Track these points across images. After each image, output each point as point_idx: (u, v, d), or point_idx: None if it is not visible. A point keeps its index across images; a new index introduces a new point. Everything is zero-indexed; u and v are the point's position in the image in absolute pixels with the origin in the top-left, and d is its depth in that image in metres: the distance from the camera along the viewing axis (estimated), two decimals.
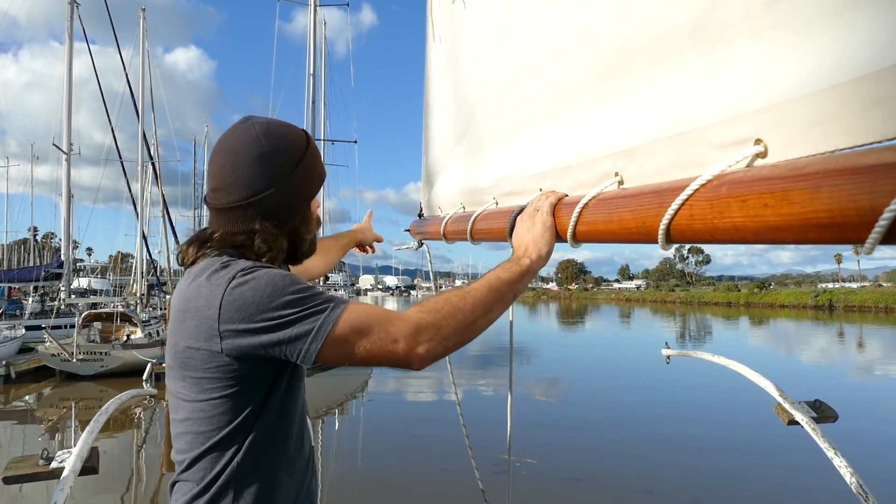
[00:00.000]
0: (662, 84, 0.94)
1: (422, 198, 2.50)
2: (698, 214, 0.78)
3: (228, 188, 1.14)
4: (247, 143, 1.13)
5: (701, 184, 0.78)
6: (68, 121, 24.71)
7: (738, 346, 28.39)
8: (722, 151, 0.80)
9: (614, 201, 1.00)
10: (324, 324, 1.01)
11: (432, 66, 2.34)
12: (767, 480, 8.92)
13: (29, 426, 12.91)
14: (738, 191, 0.71)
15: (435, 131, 2.33)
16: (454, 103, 2.03)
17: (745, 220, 0.69)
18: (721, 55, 0.81)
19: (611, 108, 1.10)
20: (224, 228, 1.16)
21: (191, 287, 1.09)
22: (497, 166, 1.66)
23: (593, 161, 1.15)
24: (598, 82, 1.13)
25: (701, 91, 0.85)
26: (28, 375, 17.91)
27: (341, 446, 11.13)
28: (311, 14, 24.62)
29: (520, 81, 1.46)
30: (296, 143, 1.18)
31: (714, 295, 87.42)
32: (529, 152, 1.45)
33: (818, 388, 14.77)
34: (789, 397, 1.98)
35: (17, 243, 69.92)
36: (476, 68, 1.77)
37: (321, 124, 27.99)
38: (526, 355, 24.00)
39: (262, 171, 1.13)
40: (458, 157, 2.01)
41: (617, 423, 12.45)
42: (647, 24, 0.96)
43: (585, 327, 44.20)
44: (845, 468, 1.73)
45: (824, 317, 52.95)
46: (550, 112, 1.33)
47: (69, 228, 25.18)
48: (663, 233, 0.84)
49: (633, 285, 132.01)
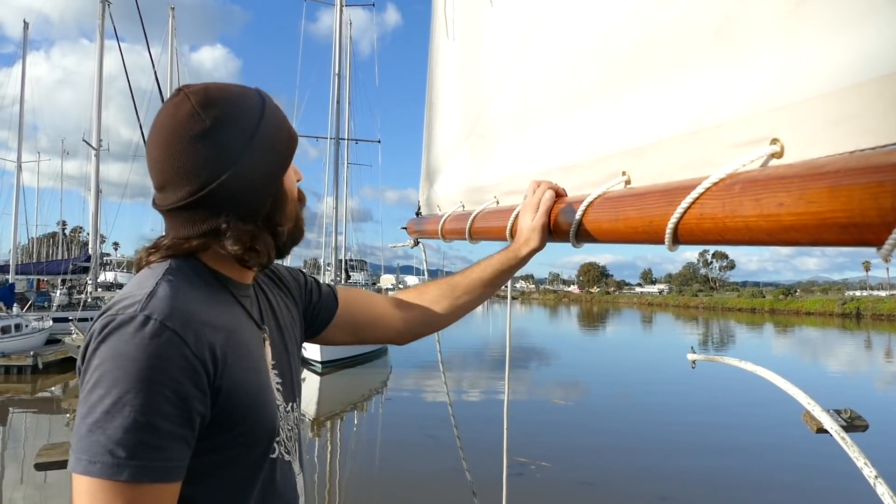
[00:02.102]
0: (680, 84, 0.92)
1: (420, 196, 2.49)
2: (709, 214, 0.75)
3: (174, 182, 0.89)
4: (182, 120, 0.88)
5: (713, 182, 0.76)
6: (98, 117, 25.13)
7: (763, 353, 27.97)
8: (736, 151, 0.78)
9: (620, 200, 0.98)
10: (71, 459, 0.76)
11: (439, 64, 2.32)
12: (792, 489, 8.78)
13: (55, 416, 13.16)
14: (752, 189, 0.69)
15: (438, 129, 2.31)
16: (464, 102, 2.01)
17: (759, 219, 0.67)
18: (740, 55, 0.80)
19: (623, 108, 1.07)
20: (178, 234, 0.92)
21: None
22: (502, 165, 1.64)
23: (600, 160, 1.13)
24: (612, 82, 1.11)
25: (719, 91, 0.84)
26: (55, 366, 18.25)
27: (360, 444, 11.18)
28: (338, 14, 24.80)
29: (536, 80, 1.45)
30: (245, 107, 0.92)
31: (738, 301, 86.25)
32: (536, 151, 1.43)
33: (845, 397, 14.52)
34: (818, 405, 1.94)
35: (46, 237, 71.42)
36: (493, 67, 1.75)
37: (346, 124, 28.16)
38: (545, 358, 23.91)
39: (210, 151, 0.88)
40: (463, 156, 1.99)
41: (636, 427, 12.33)
42: (668, 25, 0.94)
43: (607, 331, 43.88)
44: (875, 479, 1.69)
45: (851, 325, 52.01)
46: (562, 112, 1.31)
47: (97, 223, 25.59)
48: (671, 233, 0.82)
49: (656, 289, 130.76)
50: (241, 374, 0.88)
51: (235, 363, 0.88)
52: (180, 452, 0.79)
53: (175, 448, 0.78)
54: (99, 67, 25.25)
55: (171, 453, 0.77)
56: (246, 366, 0.90)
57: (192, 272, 0.92)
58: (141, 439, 0.74)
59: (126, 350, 0.76)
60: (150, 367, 0.76)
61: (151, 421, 0.75)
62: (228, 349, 0.87)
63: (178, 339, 0.79)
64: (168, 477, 0.77)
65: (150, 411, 0.75)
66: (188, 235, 0.91)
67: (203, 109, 0.88)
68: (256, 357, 0.96)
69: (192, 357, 0.79)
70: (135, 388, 0.74)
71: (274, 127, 0.95)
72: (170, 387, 0.77)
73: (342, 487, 8.60)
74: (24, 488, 8.34)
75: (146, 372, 0.75)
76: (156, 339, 0.77)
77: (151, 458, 0.75)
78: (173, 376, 0.77)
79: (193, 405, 0.80)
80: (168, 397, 0.77)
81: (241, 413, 0.88)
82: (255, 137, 0.91)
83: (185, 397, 0.78)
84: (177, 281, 0.87)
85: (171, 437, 0.77)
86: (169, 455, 0.77)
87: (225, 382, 0.85)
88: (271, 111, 0.95)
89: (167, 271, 0.89)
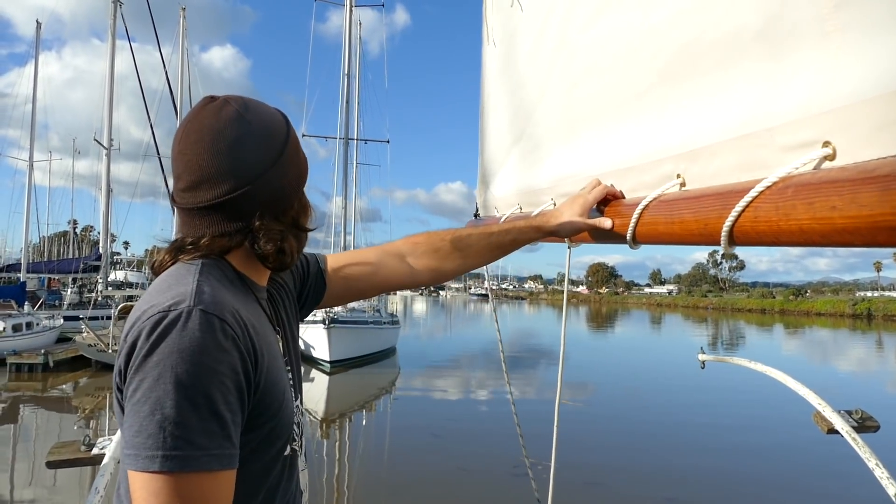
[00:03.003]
0: (727, 86, 0.94)
1: (478, 198, 2.51)
2: (763, 217, 0.77)
3: (213, 180, 0.91)
4: (227, 122, 0.92)
5: (766, 186, 0.78)
6: (109, 117, 25.26)
7: (773, 354, 27.81)
8: (788, 154, 0.80)
9: (676, 203, 1.00)
10: (136, 461, 0.75)
11: (487, 70, 2.36)
12: (803, 491, 8.73)
13: (65, 414, 13.25)
14: (804, 193, 0.70)
15: (491, 133, 2.34)
16: (511, 105, 2.04)
17: (812, 222, 0.68)
18: (788, 57, 0.80)
19: (673, 110, 1.09)
20: (212, 231, 0.94)
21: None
22: (555, 167, 1.66)
23: (655, 163, 1.14)
24: (660, 84, 1.12)
25: (767, 93, 0.85)
26: (65, 364, 18.37)
27: (368, 443, 11.21)
28: (347, 14, 24.86)
29: (580, 83, 1.46)
30: (278, 118, 1.01)
31: (748, 301, 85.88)
32: (589, 153, 1.45)
33: (856, 397, 14.40)
34: (829, 405, 1.93)
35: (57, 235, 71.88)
36: (534, 70, 1.77)
37: (355, 123, 28.19)
38: (554, 358, 23.84)
39: (252, 152, 0.93)
40: (515, 159, 2.01)
41: (644, 428, 12.29)
42: (712, 26, 0.95)
43: (615, 332, 43.76)
44: (887, 479, 1.68)
45: (862, 326, 51.64)
46: (611, 113, 1.33)
47: (107, 222, 25.72)
48: (726, 235, 0.84)
49: (665, 290, 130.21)
50: (274, 372, 0.92)
51: (269, 361, 0.91)
52: (238, 440, 0.82)
53: (235, 436, 0.81)
54: (110, 67, 25.38)
55: (234, 441, 0.81)
56: (275, 365, 0.94)
57: (222, 272, 0.94)
58: (213, 429, 0.77)
59: (189, 344, 0.77)
60: (214, 360, 0.78)
61: (219, 411, 0.78)
62: (264, 347, 0.90)
63: (232, 331, 0.82)
64: (234, 463, 0.80)
65: (218, 401, 0.78)
66: (224, 232, 0.94)
67: (247, 113, 0.94)
68: (278, 357, 0.98)
69: (243, 350, 0.83)
70: (202, 381, 0.77)
71: (296, 140, 1.03)
72: (231, 377, 0.80)
73: (351, 487, 8.62)
74: (35, 486, 8.40)
75: (211, 364, 0.78)
76: (216, 332, 0.80)
77: (222, 446, 0.78)
78: (234, 367, 0.80)
79: (245, 395, 0.83)
80: (230, 388, 0.80)
81: (273, 411, 0.91)
82: (287, 144, 0.98)
83: (241, 388, 0.82)
84: (214, 280, 0.89)
85: (233, 426, 0.80)
86: (233, 443, 0.80)
87: (262, 380, 0.87)
88: (292, 127, 1.03)
89: (202, 269, 0.90)
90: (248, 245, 0.95)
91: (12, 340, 18.91)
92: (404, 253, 1.37)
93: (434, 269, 1.38)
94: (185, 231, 0.96)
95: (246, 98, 0.98)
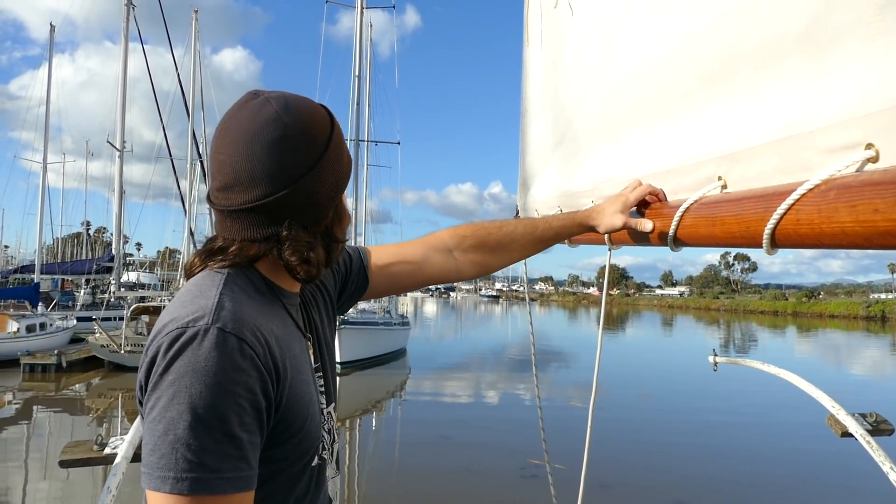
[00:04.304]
0: (768, 88, 0.94)
1: (518, 201, 2.52)
2: (805, 219, 0.77)
3: (245, 183, 0.88)
4: (264, 122, 0.88)
5: (809, 188, 0.77)
6: (122, 119, 25.45)
7: (786, 356, 27.62)
8: (830, 156, 0.79)
9: (717, 206, 1.00)
10: (150, 480, 0.75)
11: (529, 72, 2.36)
12: (816, 494, 8.65)
13: (78, 414, 13.35)
14: (847, 195, 0.70)
15: (532, 136, 2.34)
16: (553, 109, 2.04)
17: (855, 225, 0.68)
18: (830, 60, 0.80)
19: (714, 112, 1.09)
20: (241, 236, 0.91)
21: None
22: (595, 170, 1.66)
23: (696, 165, 1.14)
24: (701, 87, 1.12)
25: (809, 95, 0.85)
26: (78, 365, 18.52)
27: (378, 444, 11.22)
28: (358, 16, 24.88)
29: (622, 86, 1.47)
30: (321, 120, 0.94)
31: (760, 303, 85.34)
32: (629, 156, 1.45)
33: (871, 400, 14.26)
34: (843, 408, 1.91)
35: (70, 237, 72.58)
36: (579, 74, 1.77)
37: (365, 125, 28.25)
38: (564, 360, 23.81)
39: (288, 157, 0.88)
40: (556, 162, 2.01)
41: (654, 430, 12.24)
42: (754, 30, 0.95)
43: (626, 334, 43.58)
44: None
45: (876, 328, 51.15)
46: (651, 116, 1.33)
47: (120, 223, 25.91)
48: (768, 237, 0.84)
49: (677, 292, 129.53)
50: (298, 387, 0.89)
51: (294, 376, 0.88)
52: (256, 460, 0.80)
53: (253, 457, 0.79)
54: (123, 70, 25.56)
55: (251, 462, 0.79)
56: (300, 378, 0.91)
57: (249, 282, 0.92)
58: (226, 451, 0.75)
59: (204, 364, 0.76)
60: (229, 380, 0.76)
61: (234, 432, 0.76)
62: (287, 361, 0.88)
63: (251, 350, 0.80)
64: (250, 486, 0.78)
65: (233, 423, 0.76)
66: (252, 238, 0.90)
67: (286, 115, 0.89)
68: (305, 368, 0.96)
69: (262, 369, 0.80)
70: (217, 402, 0.75)
71: (340, 143, 0.96)
72: (247, 398, 0.78)
73: (361, 488, 8.62)
74: (48, 485, 8.47)
75: (226, 385, 0.76)
76: (232, 352, 0.78)
77: (237, 468, 0.76)
78: (251, 387, 0.78)
79: (264, 415, 0.81)
80: (246, 409, 0.78)
81: (297, 426, 0.89)
82: (328, 149, 0.92)
83: (259, 408, 0.80)
84: (238, 291, 0.87)
85: (250, 447, 0.78)
86: (250, 465, 0.78)
87: (286, 395, 0.86)
88: (337, 127, 0.97)
89: (227, 280, 0.88)
90: (275, 253, 0.92)
91: (26, 341, 19.09)
92: (450, 247, 1.35)
93: (480, 263, 1.37)
94: (219, 230, 0.94)
95: (289, 96, 0.92)
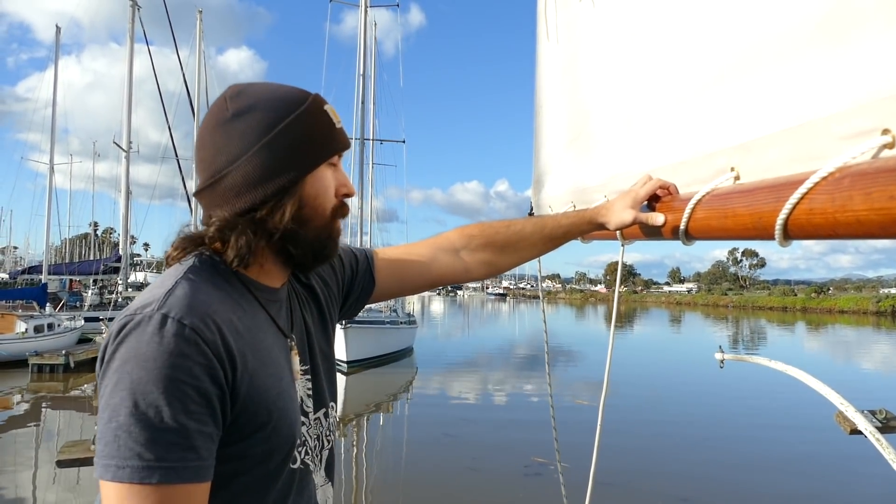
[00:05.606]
0: (781, 76, 0.92)
1: (532, 198, 2.51)
2: (818, 209, 0.75)
3: (198, 170, 0.93)
4: (212, 110, 0.93)
5: (822, 176, 0.75)
6: (128, 120, 25.61)
7: (794, 353, 27.50)
8: (845, 143, 0.77)
9: (729, 197, 0.99)
10: (96, 467, 0.75)
11: (544, 67, 2.34)
12: (824, 492, 8.59)
13: (87, 414, 13.40)
14: (861, 183, 0.68)
15: (546, 132, 2.32)
16: (569, 103, 2.03)
17: (870, 213, 0.66)
18: (847, 44, 0.79)
19: (727, 102, 1.08)
20: (206, 223, 0.93)
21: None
22: (609, 164, 1.65)
23: (708, 156, 1.13)
24: (718, 76, 1.11)
25: (822, 82, 0.83)
26: (86, 365, 18.59)
27: (385, 444, 11.22)
28: (362, 15, 24.89)
29: (635, 80, 1.46)
30: (276, 103, 0.91)
31: (769, 299, 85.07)
32: (642, 150, 1.44)
33: (880, 397, 14.18)
34: (852, 405, 1.88)
35: (78, 238, 73.09)
36: (596, 68, 1.76)
37: (370, 124, 28.27)
38: (571, 358, 23.77)
39: (224, 140, 0.89)
40: (570, 157, 2.01)
41: (660, 428, 12.16)
42: (777, 18, 0.94)
43: (634, 331, 43.49)
44: None
45: (887, 323, 50.91)
46: (664, 109, 1.32)
47: (127, 224, 26.05)
48: (780, 228, 0.82)
49: (684, 288, 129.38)
50: (262, 378, 0.86)
51: (256, 367, 0.86)
52: (208, 451, 0.78)
53: (203, 447, 0.76)
54: (129, 71, 25.71)
55: (201, 452, 0.76)
56: (266, 371, 0.88)
57: (215, 272, 0.90)
58: (169, 440, 0.73)
59: (146, 350, 0.75)
60: (171, 366, 0.74)
61: (178, 420, 0.74)
62: (248, 352, 0.85)
63: (197, 336, 0.77)
64: (199, 476, 0.76)
65: (176, 411, 0.74)
66: (203, 224, 0.92)
67: (230, 100, 0.91)
68: (278, 363, 0.93)
69: (210, 355, 0.78)
70: (158, 389, 0.73)
71: (305, 125, 0.91)
72: (192, 385, 0.75)
73: (368, 488, 8.62)
74: (56, 486, 8.50)
75: (168, 371, 0.74)
76: (174, 338, 0.76)
77: (181, 458, 0.74)
78: (195, 374, 0.76)
79: (215, 403, 0.78)
80: (191, 396, 0.75)
81: (261, 419, 0.86)
82: (277, 131, 0.89)
83: (208, 395, 0.77)
84: (198, 280, 0.86)
85: (198, 436, 0.76)
86: (198, 454, 0.76)
87: (244, 385, 0.83)
88: (311, 110, 0.93)
89: (189, 270, 0.87)
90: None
91: (34, 341, 19.19)
92: (458, 247, 1.33)
93: (489, 263, 1.35)
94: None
95: (255, 83, 0.94)
